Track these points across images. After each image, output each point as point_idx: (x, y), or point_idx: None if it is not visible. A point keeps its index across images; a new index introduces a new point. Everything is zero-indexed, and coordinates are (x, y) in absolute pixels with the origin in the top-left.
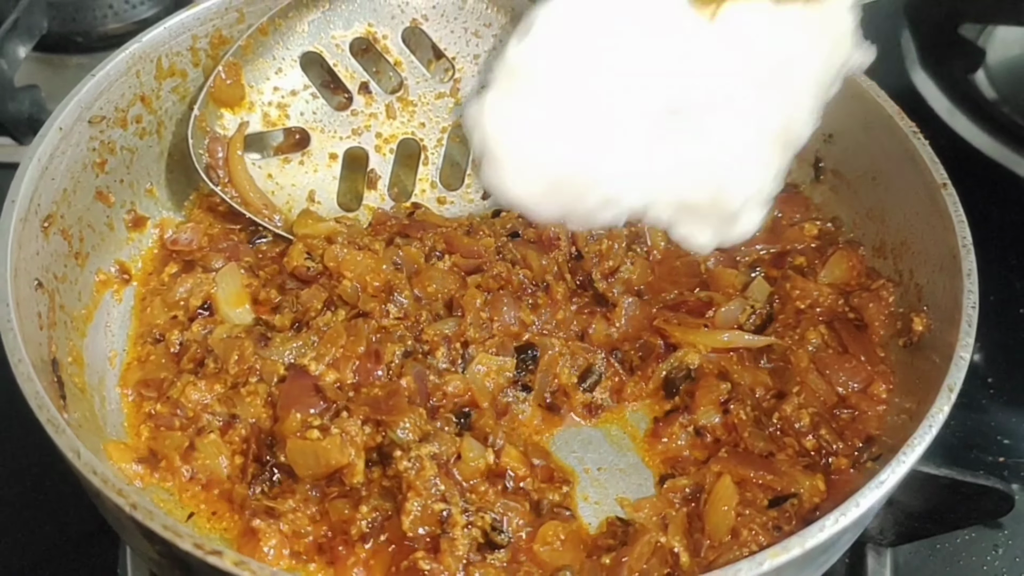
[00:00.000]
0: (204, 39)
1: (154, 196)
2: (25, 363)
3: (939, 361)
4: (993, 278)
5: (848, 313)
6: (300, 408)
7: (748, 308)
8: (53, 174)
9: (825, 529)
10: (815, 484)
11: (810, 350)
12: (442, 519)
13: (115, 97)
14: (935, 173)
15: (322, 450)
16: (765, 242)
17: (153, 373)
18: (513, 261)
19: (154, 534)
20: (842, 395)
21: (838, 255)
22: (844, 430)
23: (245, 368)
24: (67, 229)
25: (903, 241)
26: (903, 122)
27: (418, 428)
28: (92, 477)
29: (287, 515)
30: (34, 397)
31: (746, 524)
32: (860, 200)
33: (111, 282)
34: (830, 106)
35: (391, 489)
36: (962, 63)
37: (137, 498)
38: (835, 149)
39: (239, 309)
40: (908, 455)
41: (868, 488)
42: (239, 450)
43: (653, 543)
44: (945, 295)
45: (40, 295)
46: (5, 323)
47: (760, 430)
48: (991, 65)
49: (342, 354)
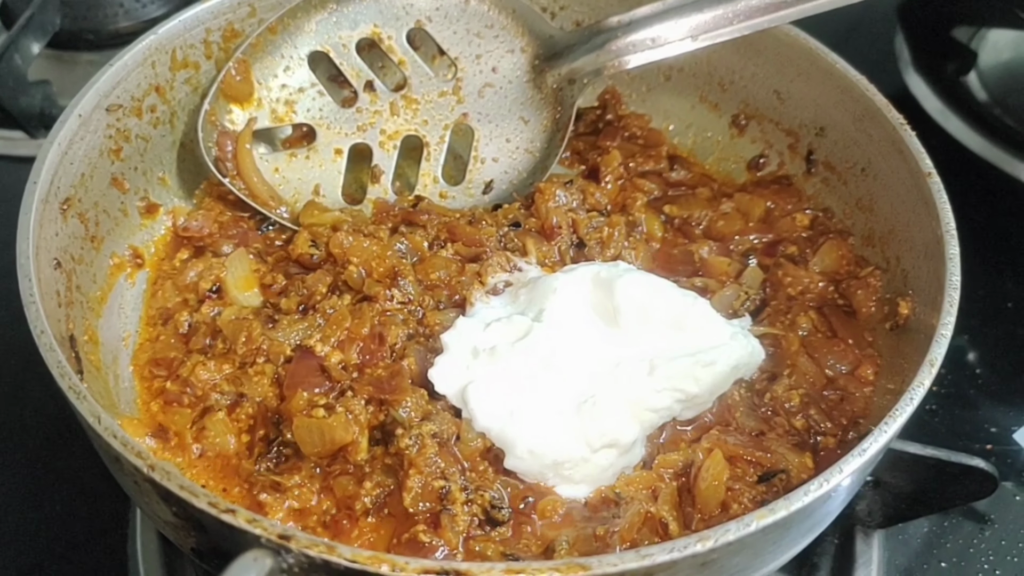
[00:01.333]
0: (217, 32)
1: (166, 184)
2: (48, 335)
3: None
4: (983, 274)
5: (837, 299)
6: (306, 387)
7: (743, 294)
8: (72, 159)
9: (810, 493)
10: (803, 461)
11: (801, 334)
12: (442, 495)
13: (131, 86)
14: (921, 162)
15: (327, 428)
16: (758, 231)
17: (163, 352)
18: (514, 249)
19: (171, 494)
20: (831, 377)
21: (829, 244)
22: (832, 411)
23: (253, 348)
24: (84, 213)
25: (890, 229)
26: (891, 114)
27: (419, 408)
28: (112, 440)
29: (292, 490)
30: (56, 366)
31: (736, 498)
32: (850, 191)
33: (124, 266)
34: (822, 99)
35: (393, 466)
36: (954, 65)
37: (155, 460)
38: (826, 142)
39: (248, 292)
40: (890, 425)
41: (851, 455)
42: (246, 428)
43: (643, 513)
44: (929, 279)
45: (59, 275)
46: (28, 297)
47: (752, 410)
48: (983, 68)
49: (347, 336)
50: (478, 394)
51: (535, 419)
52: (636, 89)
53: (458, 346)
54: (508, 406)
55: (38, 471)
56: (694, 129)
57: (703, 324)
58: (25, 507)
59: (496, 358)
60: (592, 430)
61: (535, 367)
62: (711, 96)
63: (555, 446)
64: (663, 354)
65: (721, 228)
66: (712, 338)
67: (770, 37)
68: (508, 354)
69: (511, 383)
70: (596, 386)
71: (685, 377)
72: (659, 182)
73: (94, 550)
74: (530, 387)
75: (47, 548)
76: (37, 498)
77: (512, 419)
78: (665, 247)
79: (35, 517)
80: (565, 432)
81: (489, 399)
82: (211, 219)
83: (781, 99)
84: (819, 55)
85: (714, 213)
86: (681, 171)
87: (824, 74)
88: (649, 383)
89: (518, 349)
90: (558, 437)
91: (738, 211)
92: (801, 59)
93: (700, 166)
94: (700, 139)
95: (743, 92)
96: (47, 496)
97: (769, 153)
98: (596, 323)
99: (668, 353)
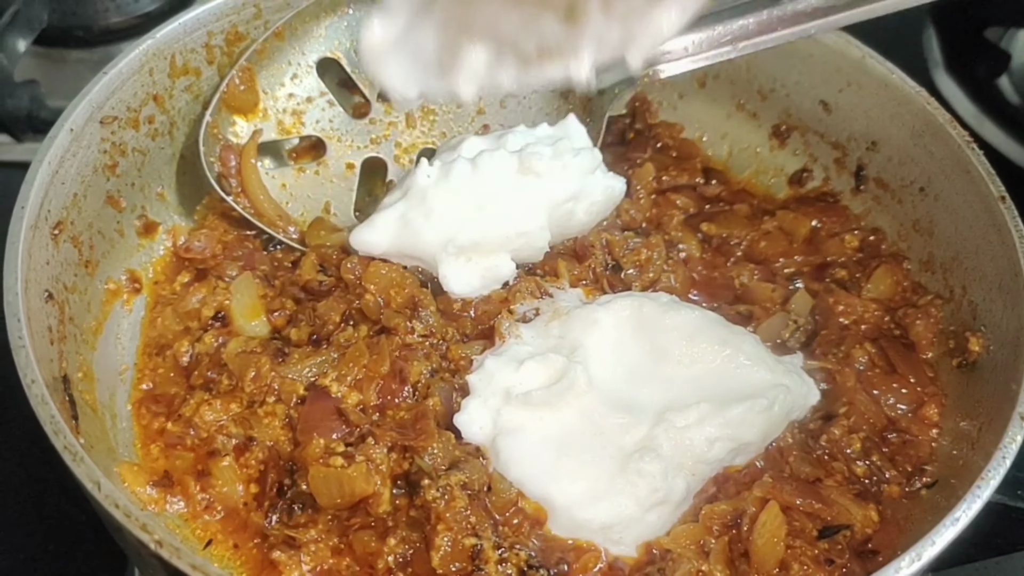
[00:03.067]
0: (219, 36)
1: (165, 200)
2: (39, 384)
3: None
4: None
5: (894, 330)
6: (322, 432)
7: (791, 323)
8: (63, 178)
9: (901, 571)
10: (868, 514)
11: (856, 368)
12: (474, 554)
13: (127, 96)
14: (992, 185)
15: (347, 479)
16: (803, 253)
17: (162, 388)
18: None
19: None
20: (891, 418)
21: (883, 269)
22: (895, 455)
23: (262, 386)
24: (77, 236)
25: (954, 256)
26: (956, 131)
27: (447, 454)
28: (114, 511)
29: (308, 546)
30: (49, 422)
31: (796, 557)
32: (906, 211)
33: (121, 291)
34: (874, 112)
35: (419, 519)
36: (987, 67)
37: (163, 534)
38: (879, 157)
39: (255, 322)
40: (983, 489)
41: (943, 526)
42: (256, 475)
43: (694, 573)
44: (1006, 315)
45: (50, 307)
46: (17, 340)
47: (807, 454)
48: (1015, 70)
49: (365, 374)
50: (511, 449)
51: (577, 478)
52: (668, 96)
53: (487, 389)
54: (546, 462)
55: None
56: (730, 140)
57: (754, 363)
58: (25, 508)
59: (530, 406)
60: (642, 488)
61: (574, 416)
62: (750, 105)
63: (603, 508)
64: (713, 397)
65: (764, 249)
66: (765, 378)
67: (816, 44)
68: (543, 400)
69: (548, 436)
70: (642, 437)
71: (740, 424)
72: (694, 197)
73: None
74: (569, 441)
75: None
76: (37, 498)
77: (551, 479)
78: (705, 269)
79: (35, 517)
80: (611, 491)
81: (524, 455)
82: (214, 239)
83: (828, 110)
84: (872, 64)
85: (755, 233)
86: (717, 185)
87: (878, 85)
88: (700, 432)
89: (554, 394)
90: (605, 498)
91: (781, 230)
92: (851, 68)
93: (738, 180)
94: (736, 151)
95: (785, 101)
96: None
97: (813, 167)
98: (638, 362)
99: (719, 396)
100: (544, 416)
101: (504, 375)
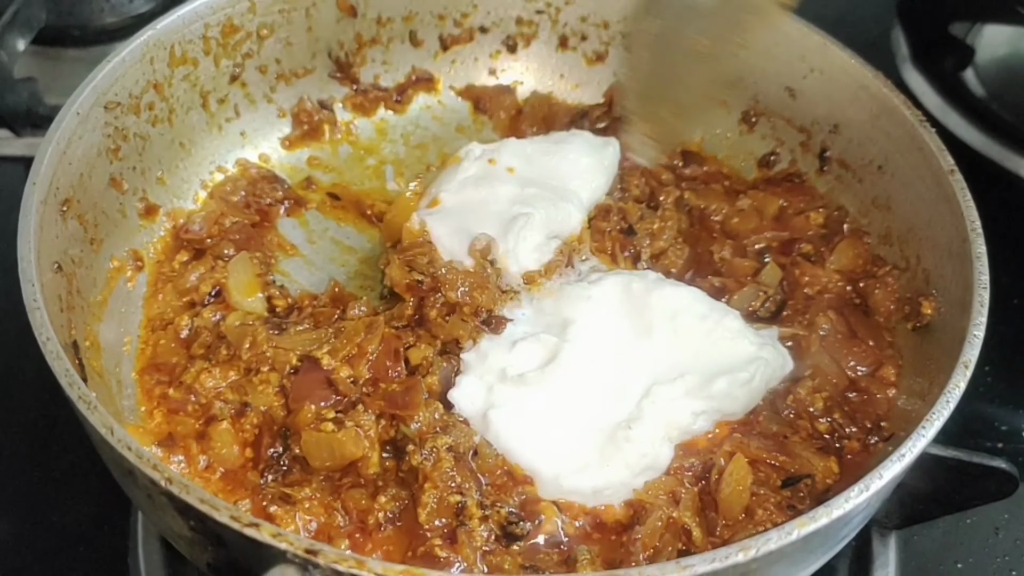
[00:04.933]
0: (215, 28)
1: (164, 184)
2: (53, 341)
3: (951, 342)
4: None
5: (855, 299)
6: (313, 400)
7: (762, 294)
8: (71, 158)
9: (850, 500)
10: (828, 465)
11: (820, 334)
12: (458, 510)
13: (129, 83)
14: (942, 160)
15: (337, 443)
16: (773, 229)
17: (164, 358)
18: None
19: (190, 508)
20: (853, 379)
21: (845, 243)
22: (855, 413)
23: (257, 354)
24: (83, 215)
25: (910, 228)
26: (910, 111)
27: (433, 421)
28: (127, 453)
29: (303, 503)
30: (64, 375)
31: (760, 503)
32: (865, 189)
33: (124, 268)
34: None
35: (406, 479)
36: (952, 61)
37: (171, 472)
38: (841, 139)
39: (251, 299)
40: (927, 429)
41: (890, 461)
42: (251, 438)
43: (665, 519)
44: (954, 279)
45: (59, 278)
46: (32, 303)
47: (775, 414)
48: (980, 63)
49: (357, 351)
50: (501, 422)
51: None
52: None
53: (481, 367)
54: (535, 434)
55: (34, 470)
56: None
57: (735, 336)
58: (24, 506)
59: (523, 385)
60: (630, 453)
61: (564, 391)
62: (719, 93)
63: (591, 475)
64: (697, 370)
65: (737, 225)
66: (747, 351)
67: (781, 34)
68: (535, 381)
69: (538, 409)
70: (630, 409)
71: (724, 397)
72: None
73: (95, 549)
74: (559, 414)
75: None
76: (35, 498)
77: (541, 450)
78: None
79: (35, 517)
80: (600, 460)
81: (514, 427)
82: (211, 221)
83: (793, 96)
84: (834, 51)
85: (730, 208)
86: (694, 166)
87: (839, 70)
88: (686, 405)
89: (546, 374)
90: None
91: (753, 208)
92: (815, 56)
93: (714, 160)
94: (708, 136)
95: (753, 88)
96: (46, 497)
97: (780, 151)
98: (626, 337)
99: (703, 370)
100: (535, 392)
101: (498, 354)
